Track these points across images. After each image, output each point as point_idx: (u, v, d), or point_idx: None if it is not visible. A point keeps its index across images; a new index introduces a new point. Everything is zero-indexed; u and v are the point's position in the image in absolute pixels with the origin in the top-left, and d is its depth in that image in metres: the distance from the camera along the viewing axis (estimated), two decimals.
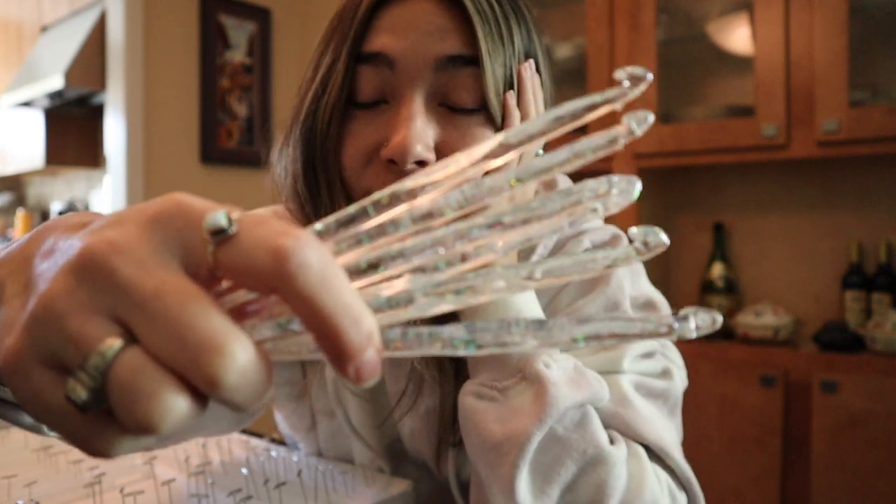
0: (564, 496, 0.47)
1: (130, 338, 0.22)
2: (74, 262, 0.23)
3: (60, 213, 3.36)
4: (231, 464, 0.60)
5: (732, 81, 1.96)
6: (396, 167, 0.51)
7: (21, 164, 3.92)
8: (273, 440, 0.68)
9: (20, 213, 4.28)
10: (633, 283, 0.62)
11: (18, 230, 4.27)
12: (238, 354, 0.21)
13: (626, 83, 0.29)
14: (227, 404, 0.22)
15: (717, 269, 1.94)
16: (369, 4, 0.52)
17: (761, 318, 1.75)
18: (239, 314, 0.24)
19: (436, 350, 0.24)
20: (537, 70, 0.57)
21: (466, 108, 0.52)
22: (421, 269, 0.25)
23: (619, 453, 0.48)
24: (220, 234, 0.22)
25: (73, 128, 3.79)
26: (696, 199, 2.07)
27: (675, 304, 2.10)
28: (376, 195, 0.26)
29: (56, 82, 3.00)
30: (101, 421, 0.23)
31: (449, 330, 0.24)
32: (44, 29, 3.63)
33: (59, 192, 4.41)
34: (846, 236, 1.82)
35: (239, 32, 2.73)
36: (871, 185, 1.80)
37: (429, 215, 0.26)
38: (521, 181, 0.27)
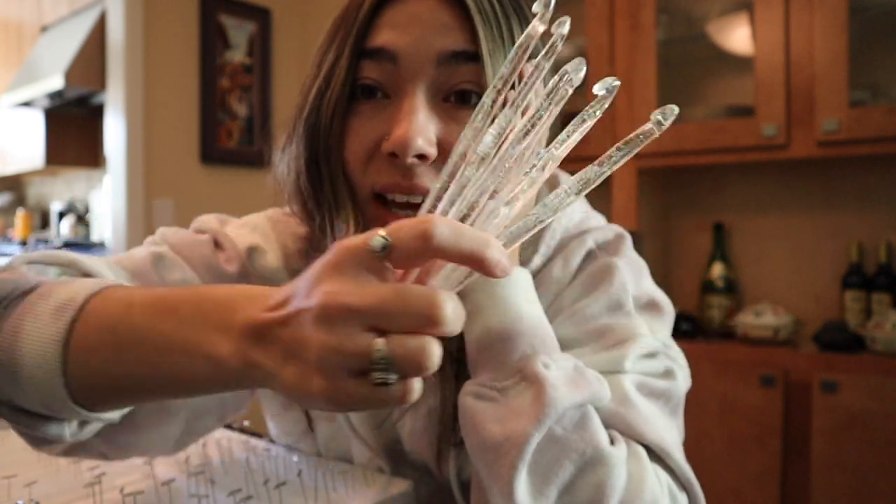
0: (562, 497, 0.46)
1: (381, 332, 0.32)
2: (320, 316, 0.33)
3: (60, 214, 3.34)
4: (231, 464, 0.60)
5: (732, 81, 1.96)
6: (398, 161, 0.51)
7: (21, 164, 3.92)
8: (273, 440, 0.68)
9: (20, 213, 4.28)
10: (637, 282, 0.62)
11: (18, 230, 4.27)
12: (445, 300, 0.32)
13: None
14: (452, 333, 0.33)
15: (717, 269, 1.94)
16: (373, 1, 0.53)
17: (761, 318, 1.75)
18: (419, 282, 0.35)
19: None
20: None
21: (468, 103, 0.53)
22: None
23: (619, 454, 0.48)
24: (384, 250, 0.32)
25: (73, 128, 3.79)
26: (696, 199, 2.07)
27: (676, 305, 2.09)
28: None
29: (56, 82, 3.00)
30: (396, 386, 0.33)
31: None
32: (44, 29, 3.63)
33: (59, 192, 4.41)
34: (846, 236, 1.82)
35: (239, 32, 2.73)
36: (871, 185, 1.80)
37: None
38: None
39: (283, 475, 0.57)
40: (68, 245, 3.46)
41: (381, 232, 0.33)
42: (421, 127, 0.51)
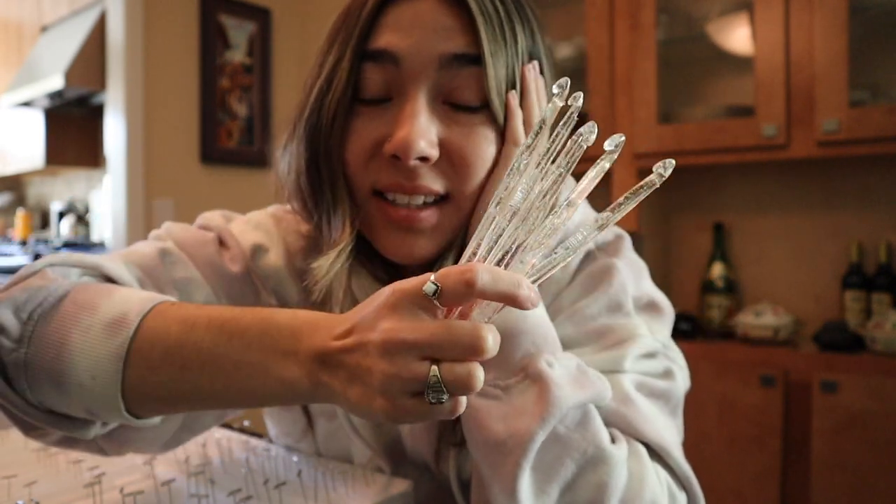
0: (564, 495, 0.47)
1: (433, 360, 0.37)
2: (381, 348, 0.37)
3: (60, 214, 3.34)
4: (231, 464, 0.60)
5: (732, 81, 1.96)
6: (400, 163, 0.52)
7: (21, 164, 3.92)
8: (272, 440, 0.68)
9: (20, 213, 4.28)
10: (637, 283, 0.62)
11: (18, 230, 4.27)
12: (486, 333, 0.37)
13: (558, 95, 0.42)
14: (491, 356, 0.38)
15: (717, 269, 1.94)
16: (375, 3, 0.53)
17: (761, 318, 1.75)
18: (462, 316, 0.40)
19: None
20: (541, 71, 0.58)
21: (469, 106, 0.53)
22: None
23: (620, 453, 0.48)
24: (436, 294, 0.37)
25: (73, 128, 3.79)
26: (696, 199, 2.07)
27: (676, 305, 2.09)
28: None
29: (56, 82, 3.00)
30: (447, 403, 0.38)
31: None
32: (44, 29, 3.63)
33: (59, 192, 4.41)
34: (846, 236, 1.82)
35: (239, 32, 2.73)
36: (870, 185, 1.80)
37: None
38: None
39: (283, 475, 0.57)
40: (68, 245, 3.46)
41: (432, 278, 0.38)
42: (423, 130, 0.51)
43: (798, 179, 1.90)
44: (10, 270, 3.46)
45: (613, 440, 0.49)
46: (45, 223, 4.49)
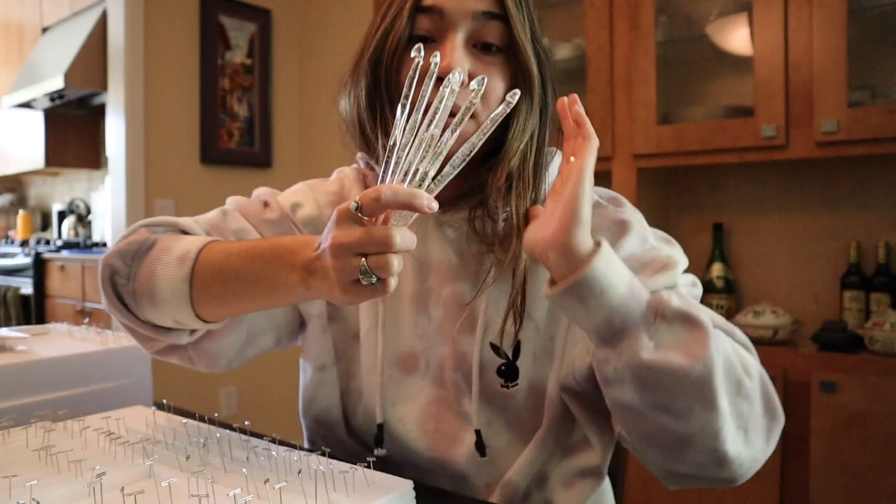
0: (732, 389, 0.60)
1: (364, 255, 0.53)
2: (331, 251, 0.54)
3: (61, 214, 3.34)
4: (231, 464, 0.61)
5: (732, 82, 1.97)
6: (441, 83, 0.66)
7: (22, 165, 3.92)
8: (273, 440, 0.68)
9: (21, 214, 4.29)
10: (646, 226, 0.76)
11: (19, 230, 4.27)
12: (392, 232, 0.52)
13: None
14: (404, 250, 0.53)
15: (717, 269, 1.95)
16: None
17: (760, 318, 1.75)
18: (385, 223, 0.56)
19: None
20: (541, 37, 0.75)
21: (492, 47, 0.72)
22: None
23: (738, 341, 0.66)
24: (357, 209, 0.53)
25: (73, 128, 3.80)
26: (695, 199, 2.08)
27: None
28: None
29: (57, 83, 3.00)
30: (377, 284, 0.54)
31: None
32: (45, 30, 3.64)
33: (59, 193, 4.41)
34: (845, 236, 1.83)
35: (239, 33, 2.73)
36: (869, 185, 1.80)
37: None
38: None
39: (283, 475, 0.58)
40: (68, 246, 3.46)
41: (356, 198, 0.53)
42: (459, 59, 0.70)
43: (797, 180, 1.91)
44: (11, 271, 3.47)
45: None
46: (45, 224, 4.50)
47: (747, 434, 0.64)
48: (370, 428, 0.77)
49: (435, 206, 0.54)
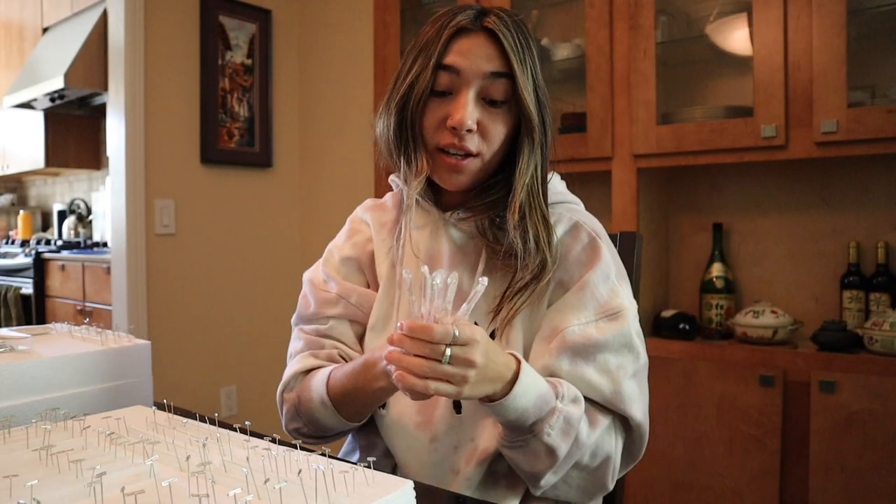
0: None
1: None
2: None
3: (61, 214, 3.34)
4: (231, 464, 0.61)
5: (731, 82, 1.97)
6: (455, 131, 0.85)
7: (22, 165, 3.93)
8: (273, 440, 0.68)
9: (21, 214, 4.29)
10: (612, 254, 0.90)
11: (20, 230, 4.27)
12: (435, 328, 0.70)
13: None
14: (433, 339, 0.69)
15: (716, 270, 1.95)
16: (448, 35, 0.86)
17: (760, 318, 1.75)
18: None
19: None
20: (540, 78, 0.88)
21: (498, 102, 0.86)
22: None
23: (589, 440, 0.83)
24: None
25: (73, 128, 3.80)
26: (695, 199, 2.08)
27: (675, 305, 2.10)
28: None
29: (57, 83, 3.00)
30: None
31: None
32: (45, 30, 3.64)
33: (60, 193, 4.42)
34: (845, 236, 1.83)
35: (239, 33, 2.73)
36: (869, 185, 1.80)
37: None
38: None
39: (283, 475, 0.58)
40: (69, 246, 3.46)
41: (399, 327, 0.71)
42: (471, 113, 0.84)
43: (797, 180, 1.91)
44: (12, 270, 3.47)
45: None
46: (46, 224, 4.50)
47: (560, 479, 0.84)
48: None
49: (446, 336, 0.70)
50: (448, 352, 0.67)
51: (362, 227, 1.03)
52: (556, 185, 0.96)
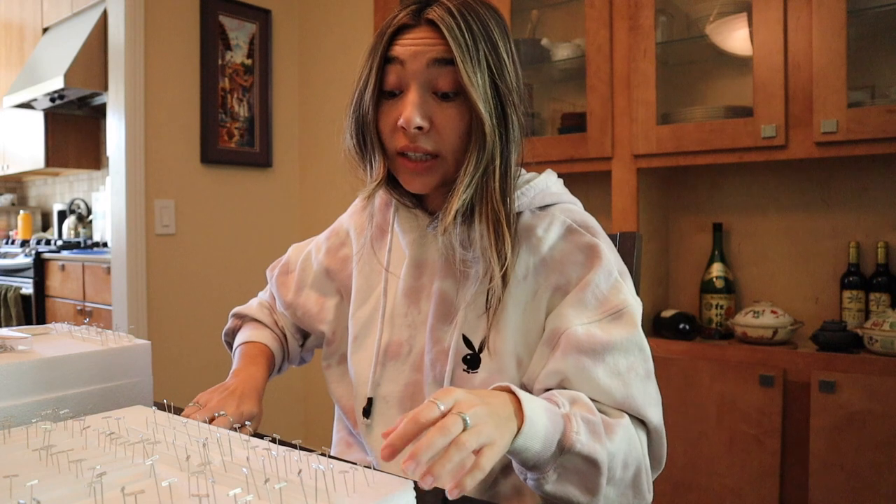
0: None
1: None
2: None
3: (62, 214, 3.34)
4: (231, 464, 0.61)
5: (731, 82, 1.97)
6: (406, 131, 0.80)
7: (22, 165, 3.93)
8: (273, 440, 0.68)
9: (21, 214, 4.29)
10: (612, 253, 0.86)
11: (20, 230, 4.27)
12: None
13: None
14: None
15: (716, 269, 1.95)
16: (392, 32, 0.82)
17: (760, 318, 1.75)
18: None
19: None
20: (504, 69, 0.81)
21: (450, 94, 0.80)
22: None
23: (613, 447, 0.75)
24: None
25: (73, 128, 3.80)
26: (695, 199, 2.08)
27: (675, 305, 2.10)
28: None
29: (57, 83, 3.01)
30: None
31: None
32: (45, 30, 3.64)
33: (60, 193, 4.42)
34: (844, 237, 1.83)
35: (239, 33, 2.73)
36: (869, 185, 1.80)
37: None
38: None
39: (283, 475, 0.58)
40: (69, 246, 3.46)
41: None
42: (417, 110, 0.79)
43: (797, 180, 1.91)
44: (12, 270, 3.47)
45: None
46: (46, 224, 4.50)
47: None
48: (360, 402, 0.93)
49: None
50: (442, 407, 0.60)
51: (344, 238, 1.04)
52: (551, 186, 0.90)
